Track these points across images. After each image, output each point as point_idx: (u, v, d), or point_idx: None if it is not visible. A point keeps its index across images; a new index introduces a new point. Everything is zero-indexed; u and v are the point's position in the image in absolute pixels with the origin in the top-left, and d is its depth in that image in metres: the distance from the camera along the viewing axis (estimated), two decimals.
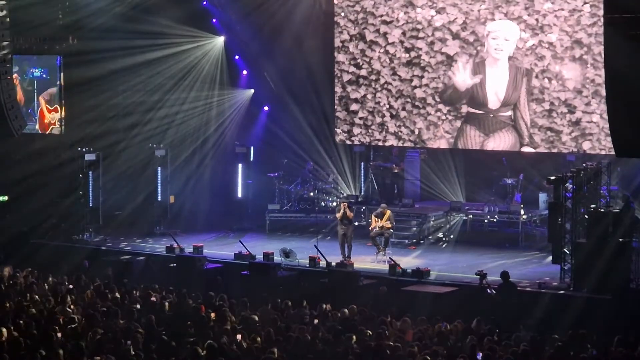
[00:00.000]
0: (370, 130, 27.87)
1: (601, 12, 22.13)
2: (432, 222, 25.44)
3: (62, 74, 27.41)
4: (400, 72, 27.04)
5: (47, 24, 27.06)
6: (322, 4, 28.11)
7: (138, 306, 17.12)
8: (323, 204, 27.84)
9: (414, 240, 24.90)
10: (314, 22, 28.08)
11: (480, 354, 14.09)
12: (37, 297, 17.84)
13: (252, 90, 29.49)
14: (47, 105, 27.88)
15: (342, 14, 27.69)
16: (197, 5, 28.56)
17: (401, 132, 27.29)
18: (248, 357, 13.61)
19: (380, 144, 27.91)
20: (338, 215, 22.94)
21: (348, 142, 28.42)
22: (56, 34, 27.45)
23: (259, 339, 14.53)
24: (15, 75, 26.27)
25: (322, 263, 21.73)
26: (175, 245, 23.36)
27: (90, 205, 25.98)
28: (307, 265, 21.88)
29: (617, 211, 20.11)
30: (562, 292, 19.34)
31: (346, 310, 17.09)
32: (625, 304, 18.02)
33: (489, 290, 18.70)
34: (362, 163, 28.27)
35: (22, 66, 27.70)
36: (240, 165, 28.44)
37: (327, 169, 28.55)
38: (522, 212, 24.89)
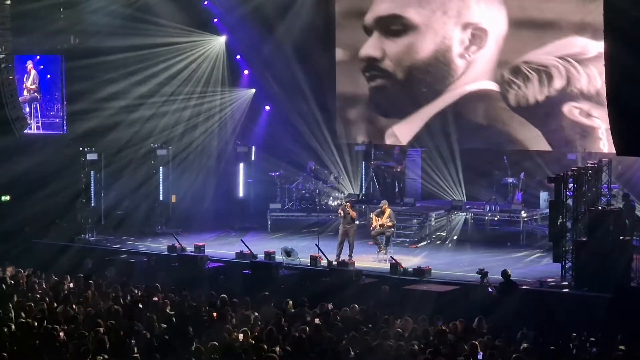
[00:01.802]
0: (371, 129, 27.89)
1: None
2: (433, 221, 25.47)
3: (64, 74, 27.42)
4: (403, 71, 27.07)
5: (49, 24, 27.06)
6: (323, 2, 28.20)
7: (140, 305, 17.15)
8: (324, 203, 27.86)
9: (416, 239, 24.94)
10: (316, 20, 28.11)
11: (482, 353, 14.11)
12: (39, 296, 17.87)
13: (254, 90, 29.53)
14: (48, 105, 27.91)
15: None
16: (198, 5, 28.59)
17: (403, 131, 27.32)
18: (250, 356, 13.63)
19: (381, 142, 27.93)
20: (340, 214, 22.94)
21: (349, 141, 28.45)
22: (58, 33, 27.46)
23: (260, 338, 14.56)
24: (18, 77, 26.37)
25: (324, 262, 21.75)
26: (177, 244, 23.37)
27: (92, 204, 26.04)
28: (309, 265, 21.91)
29: (618, 209, 20.14)
30: (563, 290, 19.33)
31: (348, 310, 17.13)
32: (626, 303, 18.02)
33: (490, 289, 18.72)
34: (364, 162, 28.27)
35: (24, 66, 27.71)
36: (241, 165, 28.43)
37: (328, 168, 28.58)
38: (523, 210, 24.90)
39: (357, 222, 23.36)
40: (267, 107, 29.52)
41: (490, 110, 26.53)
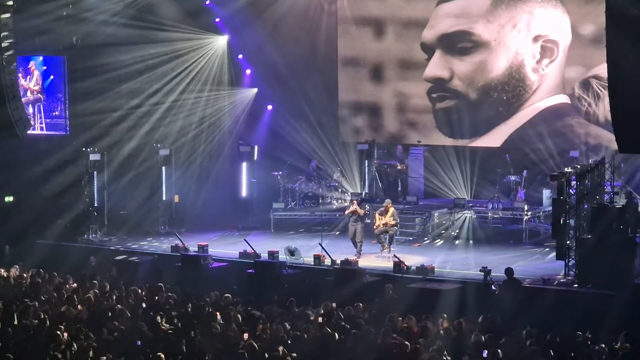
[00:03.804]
0: (374, 128, 27.89)
1: None
2: (436, 220, 25.48)
3: (66, 75, 27.45)
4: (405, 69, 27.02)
5: (52, 25, 27.08)
6: (325, 1, 28.23)
7: (144, 305, 17.18)
8: (328, 202, 27.88)
9: (419, 238, 24.95)
10: (318, 19, 28.13)
11: (486, 352, 14.11)
12: (42, 297, 17.90)
13: (256, 89, 29.55)
14: (52, 106, 27.94)
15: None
16: (200, 4, 28.61)
17: (405, 130, 27.31)
18: (254, 355, 13.65)
19: (384, 141, 27.94)
20: (347, 212, 22.99)
21: (352, 140, 28.45)
22: (61, 34, 27.48)
23: (264, 337, 14.58)
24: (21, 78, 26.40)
25: (327, 261, 21.76)
26: (180, 244, 23.40)
27: (95, 205, 26.07)
28: (312, 264, 21.92)
29: (621, 207, 20.14)
30: (566, 288, 19.35)
31: (351, 308, 17.14)
32: (630, 300, 18.03)
33: (493, 287, 18.74)
34: (366, 161, 28.27)
35: (26, 67, 27.74)
36: (244, 164, 28.42)
37: (331, 167, 28.60)
38: (525, 208, 24.89)
39: (367, 221, 23.49)
40: (270, 107, 29.54)
41: (569, 126, 25.55)
